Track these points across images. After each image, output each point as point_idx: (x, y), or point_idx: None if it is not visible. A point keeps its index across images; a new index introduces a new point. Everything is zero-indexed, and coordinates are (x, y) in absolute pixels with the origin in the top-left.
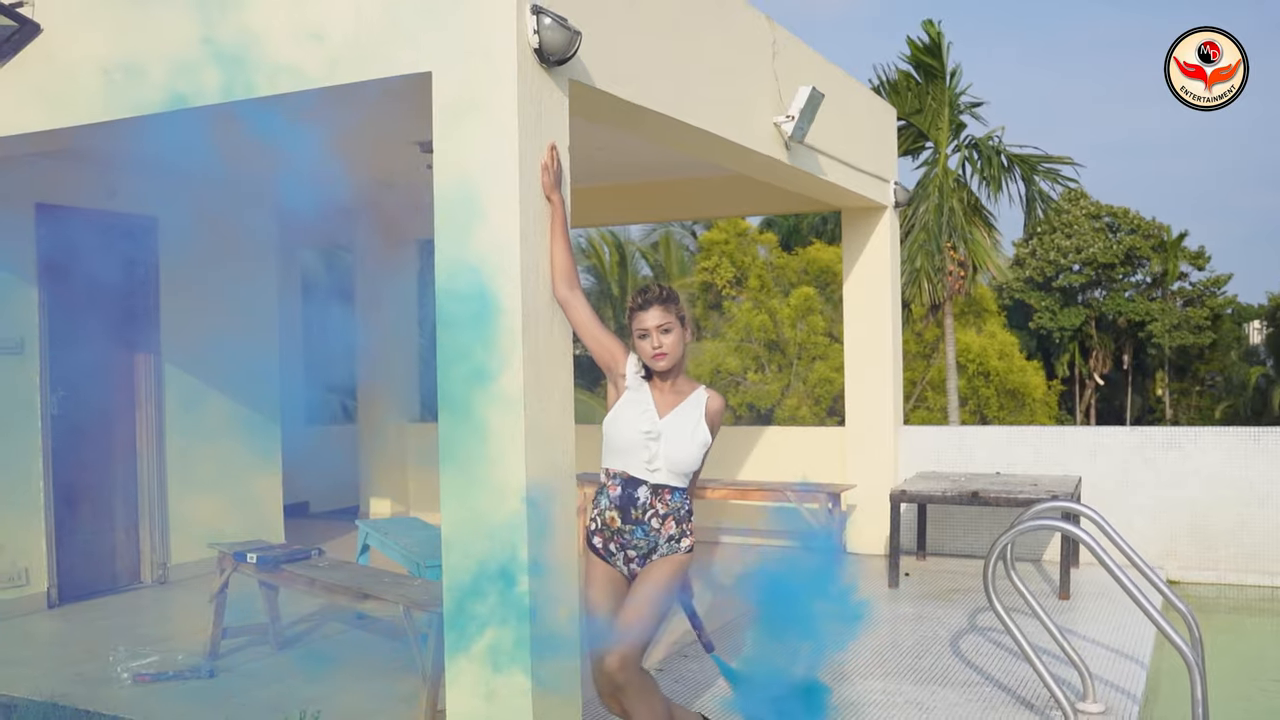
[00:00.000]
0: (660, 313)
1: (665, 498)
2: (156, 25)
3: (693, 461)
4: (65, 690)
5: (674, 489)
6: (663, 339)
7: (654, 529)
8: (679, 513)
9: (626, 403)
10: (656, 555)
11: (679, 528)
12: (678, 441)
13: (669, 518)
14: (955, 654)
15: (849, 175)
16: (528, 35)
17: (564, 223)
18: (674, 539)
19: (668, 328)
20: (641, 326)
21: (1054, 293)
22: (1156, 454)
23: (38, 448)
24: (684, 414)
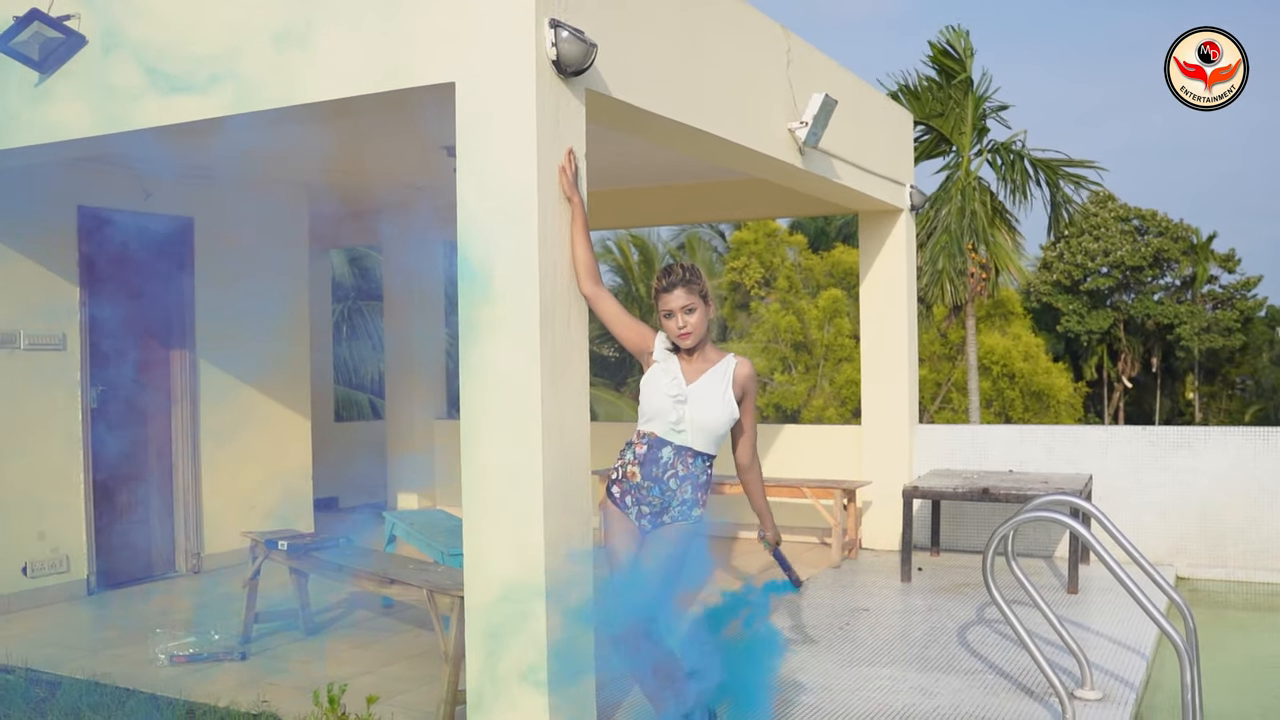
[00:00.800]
0: (684, 294)
1: (688, 460)
2: (196, 37)
3: (720, 425)
4: (106, 670)
5: (697, 454)
6: (687, 319)
7: (670, 489)
8: (697, 479)
9: (658, 371)
10: (668, 517)
11: (695, 494)
12: (706, 405)
13: (687, 481)
14: (961, 644)
15: (864, 179)
16: (546, 48)
17: (584, 222)
18: (687, 504)
19: (691, 308)
20: (667, 308)
21: (1082, 296)
22: (1167, 452)
23: (78, 440)
24: (711, 380)
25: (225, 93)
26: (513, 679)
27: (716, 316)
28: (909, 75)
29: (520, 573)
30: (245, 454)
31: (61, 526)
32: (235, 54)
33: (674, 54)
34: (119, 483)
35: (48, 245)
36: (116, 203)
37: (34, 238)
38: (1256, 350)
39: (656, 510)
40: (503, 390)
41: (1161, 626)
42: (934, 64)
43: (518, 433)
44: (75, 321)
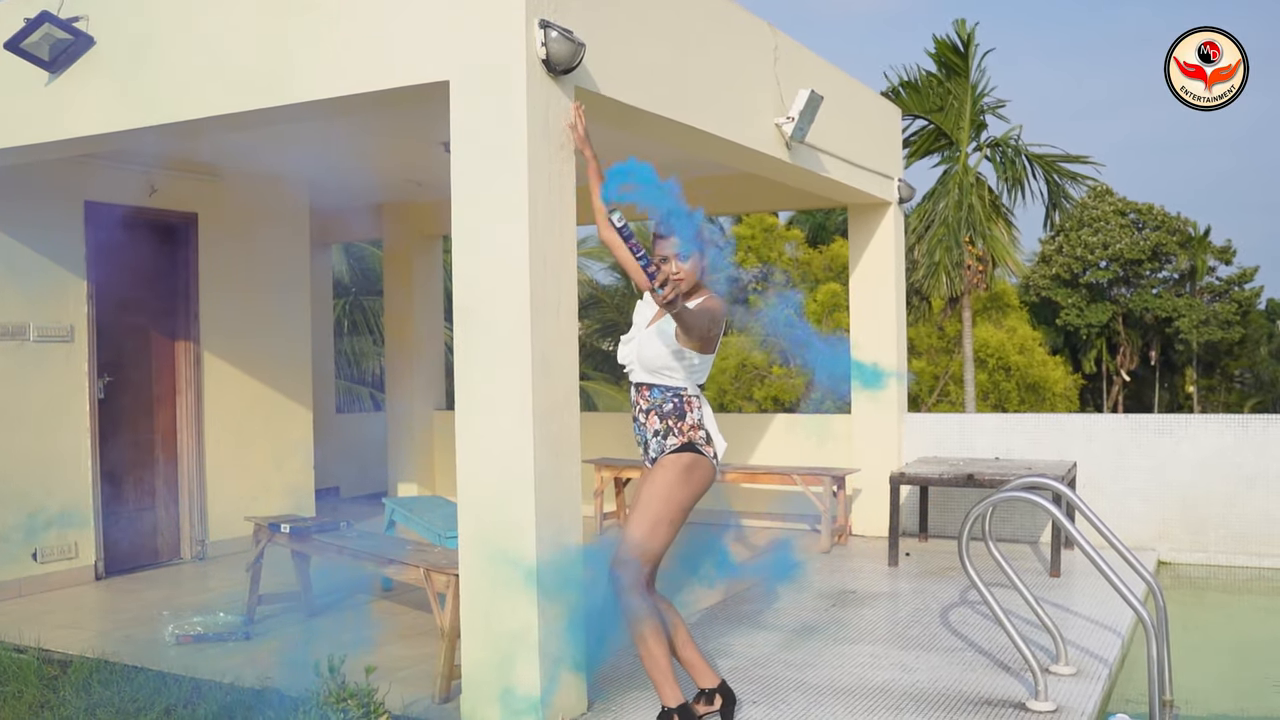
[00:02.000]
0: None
1: (645, 394)
2: (195, 38)
3: (654, 356)
4: (115, 649)
5: (651, 385)
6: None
7: (641, 424)
8: (661, 409)
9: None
10: (653, 451)
11: (663, 423)
12: (648, 339)
13: (651, 413)
14: (943, 624)
15: (852, 172)
16: (536, 47)
17: (600, 173)
18: (660, 435)
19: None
20: (661, 253)
21: (1080, 289)
22: (1149, 440)
23: (86, 429)
24: (667, 319)
25: (220, 92)
26: (506, 652)
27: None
28: (909, 70)
29: (512, 551)
30: (249, 444)
31: (70, 513)
32: (229, 54)
33: (662, 52)
34: (126, 471)
35: (56, 239)
36: (123, 198)
37: (42, 232)
38: (1255, 343)
39: (644, 448)
40: (495, 379)
41: (1125, 597)
42: (937, 57)
43: (509, 419)
44: (83, 314)
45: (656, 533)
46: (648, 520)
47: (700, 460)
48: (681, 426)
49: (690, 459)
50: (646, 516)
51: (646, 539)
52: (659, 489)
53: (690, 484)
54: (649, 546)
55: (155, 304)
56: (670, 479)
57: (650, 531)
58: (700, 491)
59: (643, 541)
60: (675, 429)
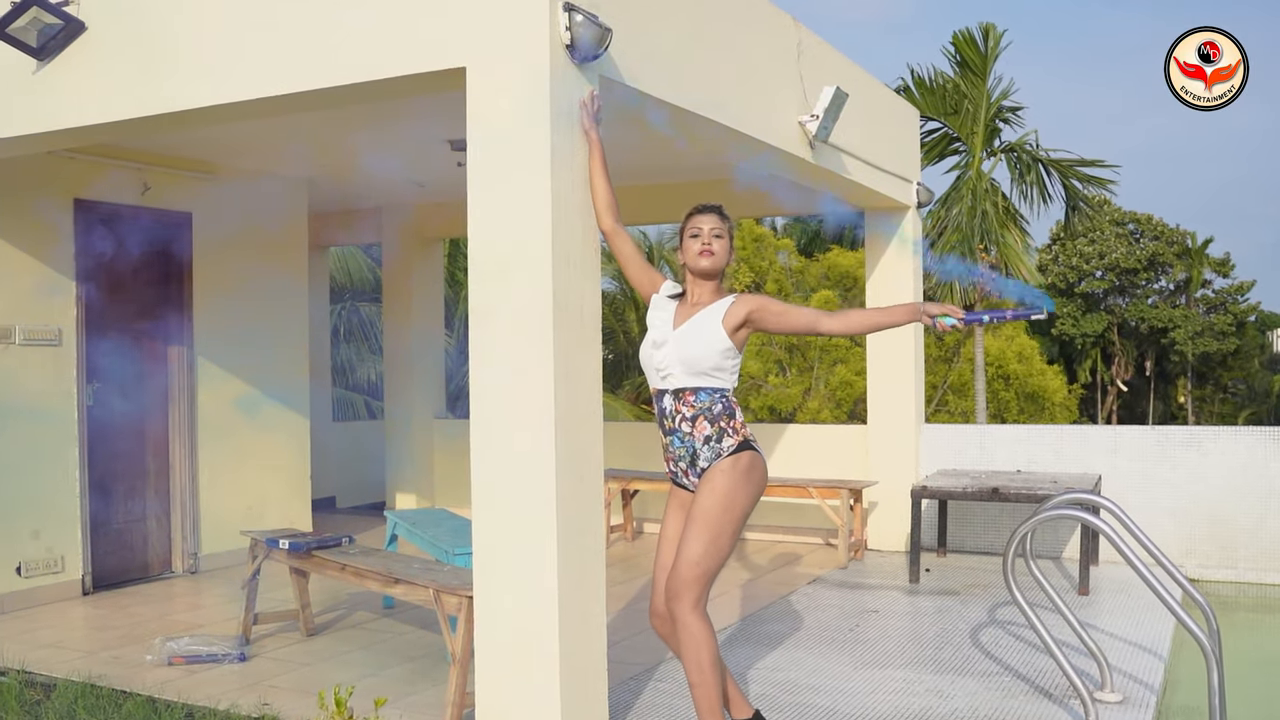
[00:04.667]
0: (717, 219)
1: (688, 399)
2: (194, 22)
3: (701, 356)
4: (102, 672)
5: (696, 390)
6: (713, 240)
7: (686, 434)
8: (710, 411)
9: (649, 319)
10: (702, 462)
11: (714, 426)
12: (686, 340)
13: (698, 418)
14: (975, 645)
15: (872, 175)
16: (560, 31)
17: (603, 158)
18: (711, 440)
19: (719, 233)
20: (696, 226)
21: (1076, 299)
22: (1176, 453)
23: (74, 438)
24: (700, 319)
25: (221, 80)
26: (523, 681)
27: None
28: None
29: (532, 573)
30: (243, 453)
31: (56, 525)
32: (237, 40)
33: (685, 43)
34: (115, 481)
35: (44, 239)
36: (114, 196)
37: (30, 231)
38: (1249, 355)
39: (689, 461)
40: (514, 387)
41: (1187, 626)
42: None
43: (529, 429)
44: (72, 316)
45: (717, 546)
46: (708, 533)
47: (759, 460)
48: (734, 425)
49: (750, 458)
50: (707, 530)
51: (706, 555)
52: (720, 497)
53: (751, 486)
54: (709, 564)
55: (147, 307)
56: (731, 484)
57: (710, 546)
58: (760, 494)
59: (702, 559)
60: (729, 429)
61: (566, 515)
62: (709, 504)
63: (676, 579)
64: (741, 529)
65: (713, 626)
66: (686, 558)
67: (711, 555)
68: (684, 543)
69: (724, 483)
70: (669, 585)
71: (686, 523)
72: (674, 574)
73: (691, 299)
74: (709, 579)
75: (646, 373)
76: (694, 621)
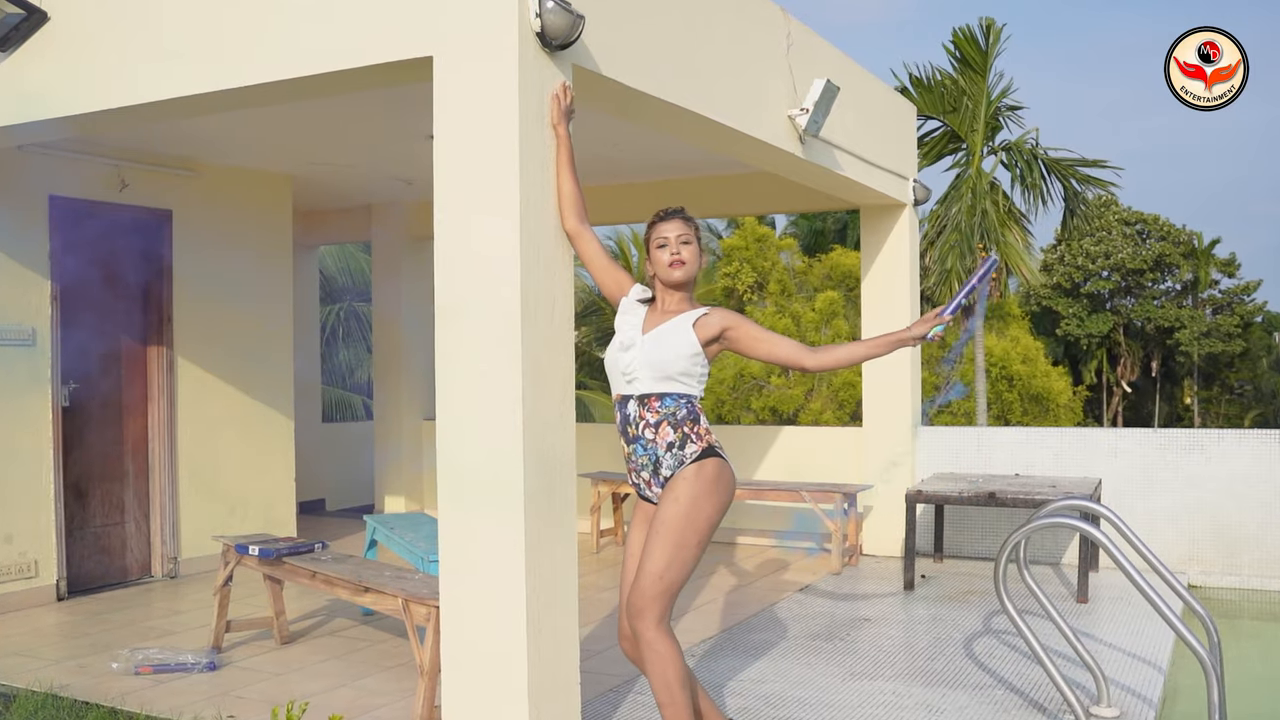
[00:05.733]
0: (681, 225)
1: (653, 405)
2: (156, 12)
3: (670, 360)
4: (66, 682)
5: (662, 395)
6: (682, 248)
7: (649, 440)
8: (674, 417)
9: (616, 330)
10: (665, 470)
11: (677, 432)
12: (654, 344)
13: (662, 424)
14: (968, 656)
15: (866, 171)
16: (530, 18)
17: (569, 154)
18: (675, 446)
19: (687, 239)
20: (662, 235)
21: (1082, 299)
22: (1178, 456)
23: (48, 439)
24: (672, 324)
25: (182, 72)
26: (491, 695)
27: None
28: (921, 67)
29: (498, 583)
30: (225, 455)
31: (29, 529)
32: (199, 31)
33: (668, 33)
34: (91, 484)
35: (17, 236)
36: (91, 193)
37: (3, 228)
38: (1255, 356)
39: (652, 470)
40: (479, 388)
41: (1186, 640)
42: (955, 54)
43: (495, 432)
44: (46, 316)
45: (681, 559)
46: (671, 545)
47: (725, 467)
48: (699, 430)
49: (716, 465)
50: (669, 541)
51: (669, 568)
52: (684, 506)
53: (717, 495)
54: (672, 578)
55: (126, 306)
56: (696, 491)
57: (675, 557)
58: (727, 504)
59: (665, 572)
60: (693, 434)
61: (535, 523)
62: (672, 513)
63: (638, 594)
64: (708, 540)
65: (678, 643)
66: (649, 571)
67: (675, 568)
68: (646, 555)
69: (687, 491)
70: (630, 601)
71: (649, 534)
72: (635, 589)
73: (662, 306)
74: (673, 594)
75: (611, 378)
76: (658, 639)
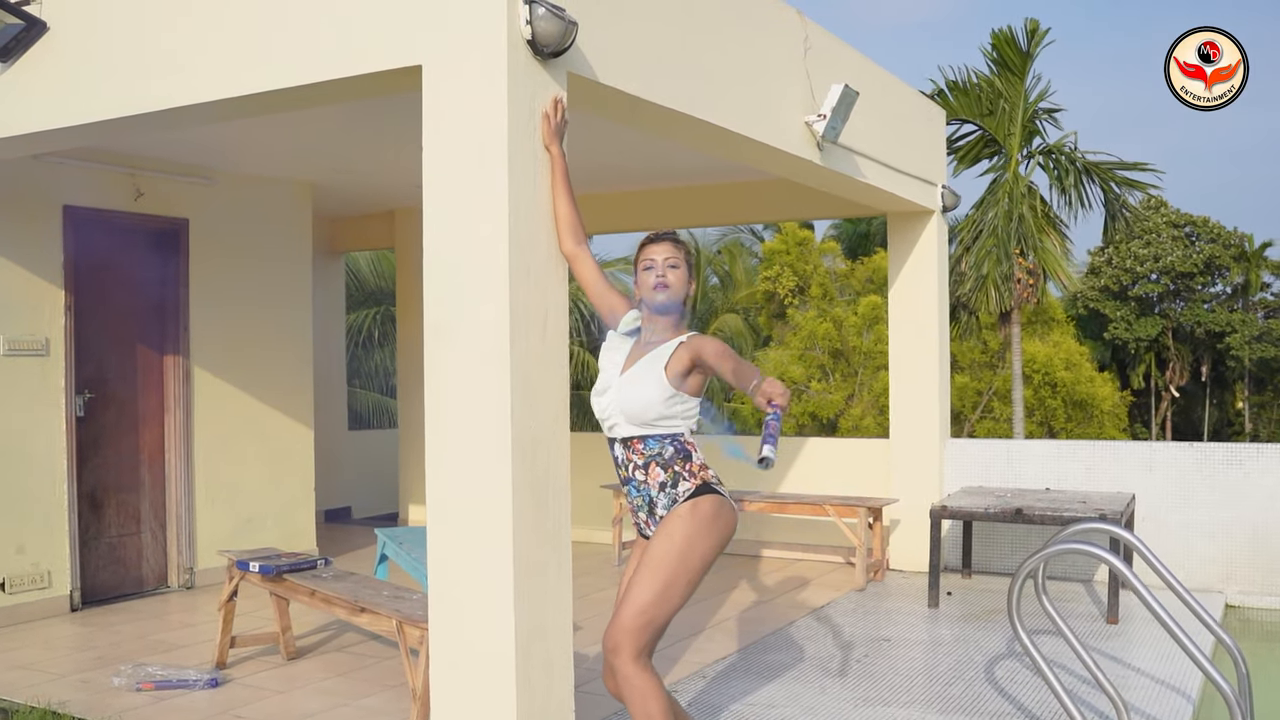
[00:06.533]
0: (670, 248)
1: (637, 447)
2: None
3: (646, 405)
4: (67, 697)
5: (644, 437)
6: (668, 271)
7: (640, 481)
8: (660, 457)
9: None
10: (660, 511)
11: (668, 472)
12: (626, 389)
13: (650, 464)
14: (989, 681)
15: (891, 178)
16: (520, 25)
17: (565, 175)
18: (667, 486)
19: (674, 263)
20: (649, 258)
21: (1130, 302)
22: (1216, 471)
23: (61, 449)
24: (643, 364)
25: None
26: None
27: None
28: (957, 70)
29: (486, 608)
30: (242, 465)
31: (42, 540)
32: (185, 41)
33: (670, 38)
34: (106, 494)
35: (30, 246)
36: (105, 202)
37: (15, 239)
38: None
39: (648, 511)
40: (468, 406)
41: (1211, 677)
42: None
43: (483, 452)
44: (60, 326)
45: (668, 596)
46: (660, 580)
47: (724, 504)
48: (691, 468)
49: (712, 503)
50: (659, 576)
51: (655, 603)
52: (677, 543)
53: (714, 533)
54: (655, 614)
55: (141, 316)
56: (690, 529)
57: (662, 594)
58: (724, 543)
59: (650, 607)
60: (685, 472)
61: (525, 546)
62: (664, 549)
63: (617, 627)
64: (699, 580)
65: (657, 676)
66: (633, 603)
67: (661, 605)
68: (633, 587)
69: (681, 529)
70: (608, 634)
71: (638, 568)
72: (616, 621)
73: (646, 337)
74: (655, 631)
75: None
76: (636, 673)
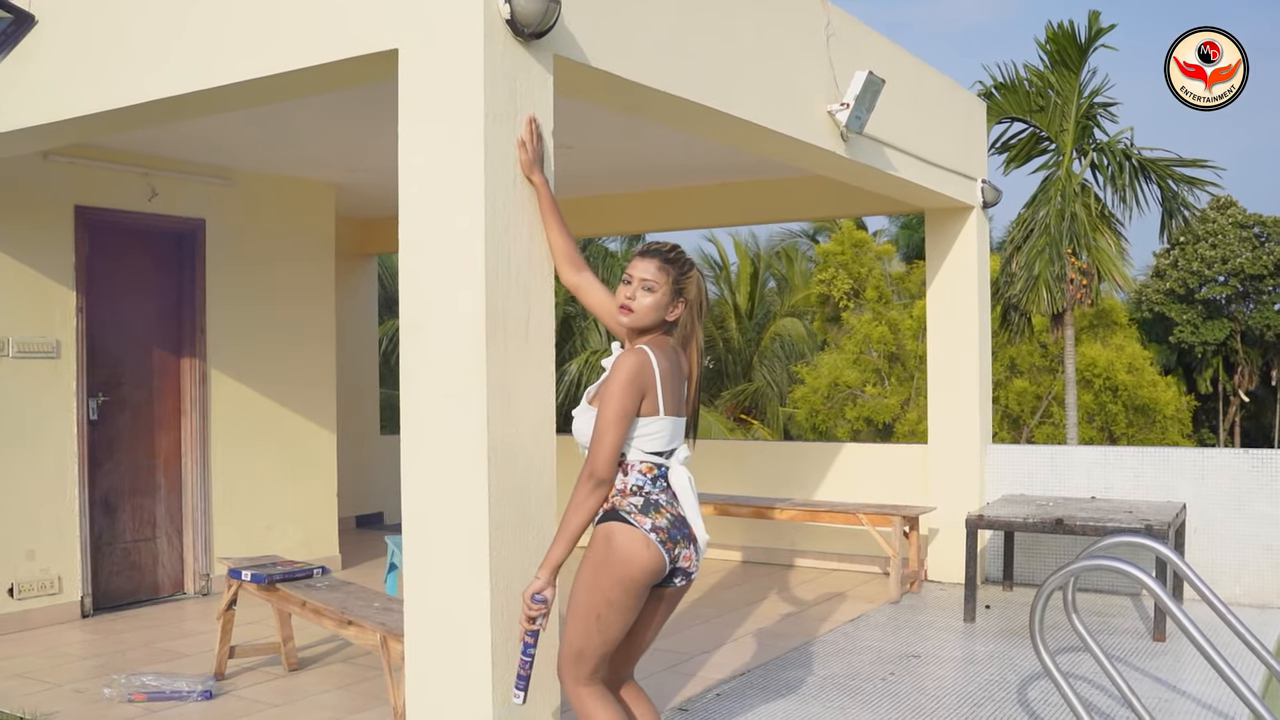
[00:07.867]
0: (654, 269)
1: None
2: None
3: (581, 433)
4: (58, 708)
5: None
6: (640, 294)
7: None
8: None
9: None
10: None
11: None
12: (577, 415)
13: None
14: (1020, 703)
15: (925, 171)
16: (498, 5)
17: (553, 204)
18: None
19: (651, 286)
20: (629, 273)
21: (1196, 305)
22: (1272, 479)
23: (73, 454)
24: (584, 398)
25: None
26: None
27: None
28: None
29: (461, 623)
30: (261, 469)
31: (53, 545)
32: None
33: (672, 20)
34: (122, 499)
35: (41, 247)
36: (119, 202)
37: (26, 239)
38: None
39: None
40: (442, 414)
41: (1253, 708)
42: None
43: (458, 464)
44: (71, 328)
45: (587, 630)
46: (575, 615)
47: (631, 533)
48: (617, 492)
49: (606, 530)
50: (574, 611)
51: (579, 637)
52: (584, 575)
53: (611, 566)
54: (585, 645)
55: (157, 318)
56: (589, 560)
57: (581, 629)
58: (631, 576)
59: (574, 640)
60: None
61: (503, 561)
62: (576, 581)
63: (559, 656)
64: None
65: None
66: (564, 637)
67: (584, 638)
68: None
69: (588, 558)
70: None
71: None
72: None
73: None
74: (591, 659)
75: None
76: (581, 696)
